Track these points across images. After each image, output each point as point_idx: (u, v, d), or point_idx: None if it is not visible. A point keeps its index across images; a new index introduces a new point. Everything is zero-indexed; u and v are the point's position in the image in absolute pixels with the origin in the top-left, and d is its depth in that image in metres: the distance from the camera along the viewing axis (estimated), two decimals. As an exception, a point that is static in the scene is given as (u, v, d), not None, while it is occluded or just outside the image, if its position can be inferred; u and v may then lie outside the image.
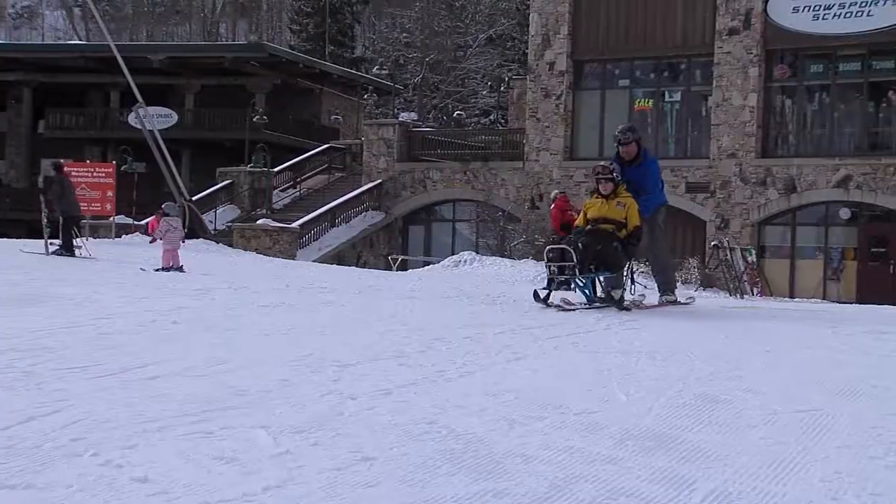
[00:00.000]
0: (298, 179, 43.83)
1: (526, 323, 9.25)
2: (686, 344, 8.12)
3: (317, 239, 36.02)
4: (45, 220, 22.10)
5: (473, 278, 21.00)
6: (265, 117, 48.03)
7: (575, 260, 10.17)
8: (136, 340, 7.26)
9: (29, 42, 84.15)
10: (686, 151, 34.39)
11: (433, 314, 9.22)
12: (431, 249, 37.38)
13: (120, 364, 6.12)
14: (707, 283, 29.05)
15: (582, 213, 11.18)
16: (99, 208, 30.58)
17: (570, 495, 3.75)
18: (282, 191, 42.80)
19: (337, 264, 29.60)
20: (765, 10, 32.55)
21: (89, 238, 29.19)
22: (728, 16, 33.16)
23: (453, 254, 30.55)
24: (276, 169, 42.63)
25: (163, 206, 20.14)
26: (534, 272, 24.05)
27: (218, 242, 30.89)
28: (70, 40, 77.47)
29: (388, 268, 33.16)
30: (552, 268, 10.45)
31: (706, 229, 33.11)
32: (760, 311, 12.80)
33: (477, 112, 65.26)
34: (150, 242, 18.87)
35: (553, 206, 20.56)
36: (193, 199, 34.42)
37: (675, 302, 11.68)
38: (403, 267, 33.36)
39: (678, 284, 12.13)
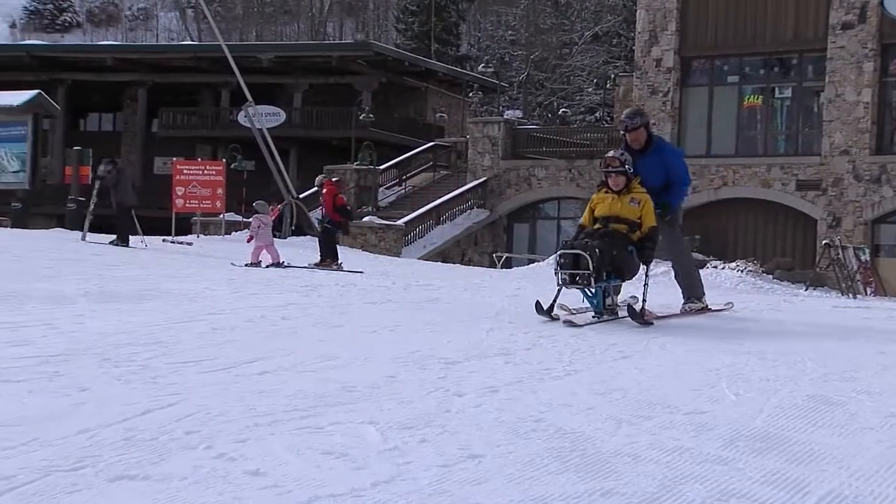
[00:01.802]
0: (404, 177, 44.12)
1: (632, 321, 9.18)
2: (797, 344, 7.97)
3: (422, 237, 36.22)
4: (92, 207, 22.65)
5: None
6: (371, 115, 48.44)
7: (591, 267, 8.55)
8: (246, 336, 7.39)
9: (144, 43, 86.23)
10: (797, 148, 33.71)
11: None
12: (536, 247, 37.29)
13: (231, 359, 6.23)
14: (817, 282, 28.43)
15: (587, 211, 9.52)
16: (209, 205, 31.16)
17: (679, 496, 3.71)
18: (387, 188, 43.13)
19: (441, 262, 29.74)
20: (881, 4, 31.71)
21: (200, 235, 29.83)
22: (842, 10, 32.41)
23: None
24: (381, 167, 42.97)
25: (254, 203, 20.49)
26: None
27: (324, 240, 31.20)
28: (183, 41, 79.14)
29: (493, 265, 33.17)
30: (562, 275, 8.73)
31: (817, 228, 32.40)
32: (874, 310, 12.49)
33: (582, 109, 64.87)
34: (247, 241, 19.24)
35: (325, 190, 20.85)
36: (300, 196, 34.90)
37: (705, 309, 10.15)
38: (508, 265, 33.33)
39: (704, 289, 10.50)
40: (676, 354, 7.22)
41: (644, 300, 9.00)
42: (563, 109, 56.13)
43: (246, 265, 17.39)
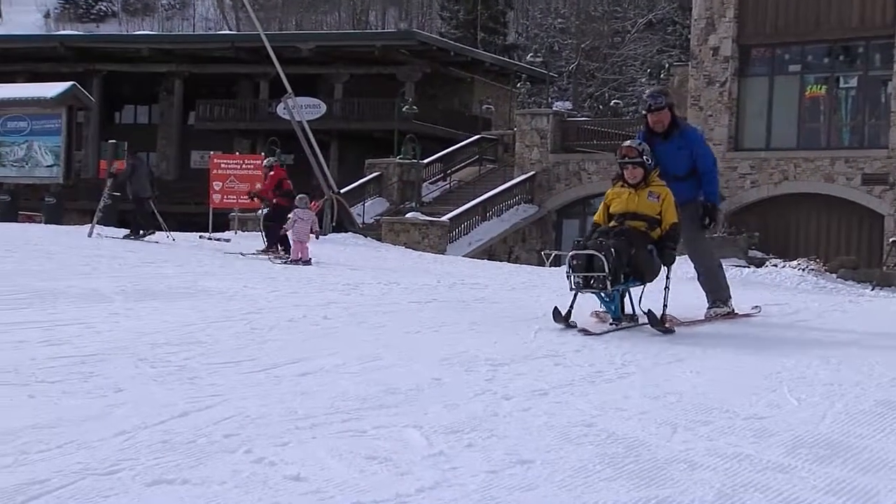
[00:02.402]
0: (448, 171, 44.13)
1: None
2: (863, 347, 7.88)
3: (467, 233, 36.21)
4: (102, 205, 22.87)
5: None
6: (415, 107, 48.49)
7: (607, 269, 7.94)
8: (286, 335, 7.44)
9: (180, 33, 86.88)
10: (862, 141, 33.32)
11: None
12: (586, 244, 37.16)
13: (271, 360, 6.28)
14: (885, 282, 28.09)
15: (601, 207, 8.91)
16: (247, 201, 31.28)
17: (738, 505, 3.68)
18: (431, 183, 43.17)
19: (487, 259, 29.72)
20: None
21: (238, 231, 30.03)
22: (911, -6, 32.01)
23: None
24: (425, 160, 43.01)
25: (297, 198, 20.60)
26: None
27: (366, 236, 31.33)
28: (221, 30, 79.74)
29: (541, 263, 33.06)
30: (575, 278, 8.14)
31: (884, 224, 32.02)
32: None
33: (635, 101, 64.56)
34: (281, 234, 19.39)
35: (272, 173, 21.37)
36: (341, 191, 35.02)
37: (731, 314, 9.53)
38: (557, 263, 33.23)
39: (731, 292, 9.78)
40: (734, 357, 7.17)
41: (665, 305, 8.42)
42: (614, 101, 55.94)
43: (285, 263, 17.53)
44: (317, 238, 19.70)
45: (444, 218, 35.73)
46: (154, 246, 19.94)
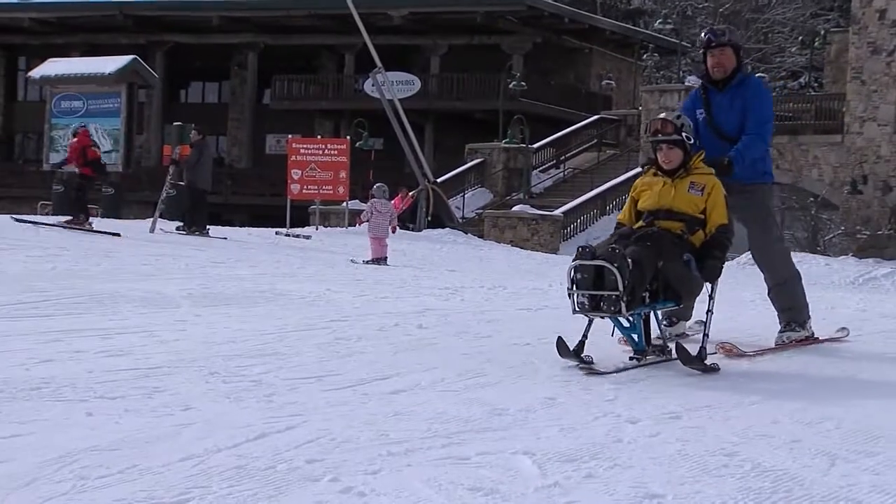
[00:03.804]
0: (562, 157, 44.05)
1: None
2: None
3: (583, 229, 36.07)
4: (164, 196, 23.25)
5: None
6: (523, 83, 48.43)
7: (621, 286, 6.75)
8: (376, 347, 7.50)
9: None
10: None
11: (728, 322, 9.07)
12: (724, 243, 36.82)
13: (358, 375, 6.33)
14: None
15: (628, 202, 7.82)
16: (331, 192, 31.47)
17: (909, 552, 3.63)
18: (542, 171, 43.12)
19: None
20: None
21: (319, 227, 30.33)
22: None
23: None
24: (535, 145, 42.96)
25: (373, 188, 20.75)
26: (854, 272, 23.31)
27: (466, 232, 31.45)
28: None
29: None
30: (579, 298, 7.00)
31: None
32: None
33: (783, 74, 63.67)
34: (358, 223, 19.63)
35: (76, 141, 21.91)
36: (438, 180, 35.17)
37: (810, 339, 8.40)
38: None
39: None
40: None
41: (706, 334, 7.24)
42: (758, 74, 55.16)
43: (365, 262, 17.71)
44: (393, 232, 19.82)
45: (557, 212, 35.65)
46: (223, 243, 20.25)
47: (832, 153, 35.56)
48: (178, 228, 22.26)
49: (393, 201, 31.62)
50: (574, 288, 6.99)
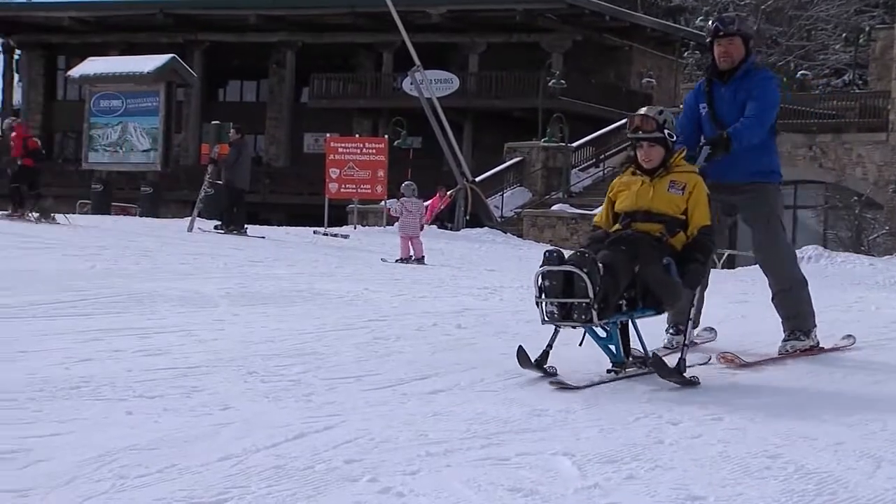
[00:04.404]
0: (602, 156, 43.93)
1: (890, 334, 8.96)
2: None
3: (624, 229, 36.03)
4: (203, 195, 23.38)
5: (819, 279, 20.42)
6: (562, 81, 48.34)
7: (591, 293, 6.23)
8: (414, 347, 7.51)
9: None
10: None
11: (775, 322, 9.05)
12: (766, 243, 36.62)
13: (397, 374, 6.34)
14: None
15: (605, 204, 7.38)
16: (369, 191, 31.52)
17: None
18: (581, 170, 43.05)
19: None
20: None
21: (357, 226, 30.40)
22: None
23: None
24: (574, 144, 42.89)
25: (402, 186, 20.81)
26: (901, 272, 23.11)
27: (505, 232, 31.44)
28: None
29: (712, 265, 32.73)
30: (548, 307, 6.43)
31: None
32: None
33: (826, 72, 63.31)
34: (389, 214, 19.75)
35: (14, 133, 23.00)
36: (477, 179, 35.18)
37: (815, 349, 7.78)
38: (730, 264, 32.83)
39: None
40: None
41: (685, 345, 6.72)
42: (801, 72, 54.89)
43: (396, 261, 17.80)
44: (420, 229, 19.86)
45: (597, 211, 35.58)
46: (261, 242, 20.33)
47: (876, 151, 35.33)
48: (216, 227, 22.38)
49: (431, 200, 31.71)
50: (542, 296, 6.45)
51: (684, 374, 6.40)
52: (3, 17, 58.37)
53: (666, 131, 6.91)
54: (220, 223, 22.65)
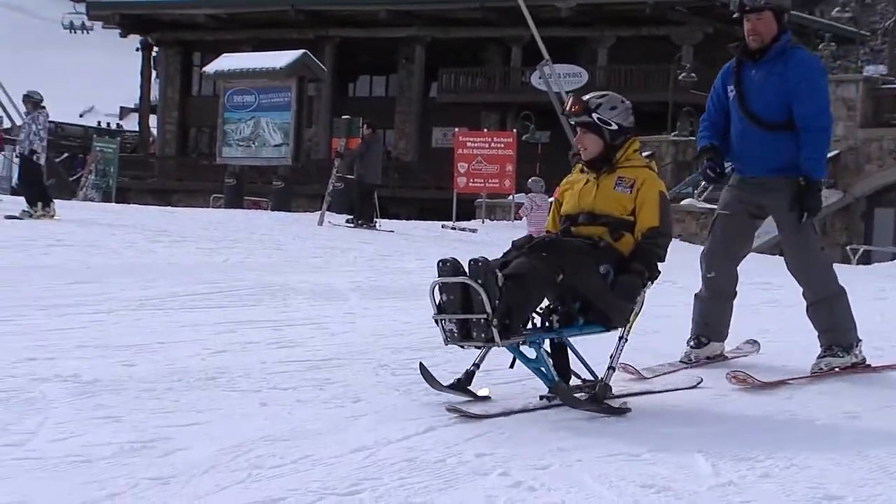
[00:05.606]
0: (733, 150, 43.34)
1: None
2: None
3: (755, 223, 35.53)
4: (331, 188, 23.48)
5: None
6: (693, 75, 47.81)
7: (488, 307, 5.32)
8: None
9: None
10: None
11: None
12: (904, 239, 35.84)
13: (525, 369, 6.31)
14: None
15: (552, 206, 6.52)
16: (497, 185, 31.51)
17: None
18: (712, 164, 42.52)
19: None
20: None
21: (485, 220, 30.43)
22: None
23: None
24: (705, 138, 42.36)
25: (529, 181, 20.77)
26: None
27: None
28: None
29: (846, 261, 32.14)
30: (448, 326, 5.58)
31: None
32: None
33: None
34: (516, 217, 19.69)
35: None
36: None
37: (860, 366, 6.74)
38: (866, 260, 32.22)
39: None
40: None
41: (612, 367, 5.67)
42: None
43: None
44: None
45: (727, 205, 35.14)
46: (390, 236, 20.47)
47: None
48: (347, 221, 22.61)
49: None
50: (439, 313, 5.59)
51: (606, 401, 5.46)
52: (142, 15, 59.63)
53: (595, 116, 5.95)
54: (351, 217, 22.88)
